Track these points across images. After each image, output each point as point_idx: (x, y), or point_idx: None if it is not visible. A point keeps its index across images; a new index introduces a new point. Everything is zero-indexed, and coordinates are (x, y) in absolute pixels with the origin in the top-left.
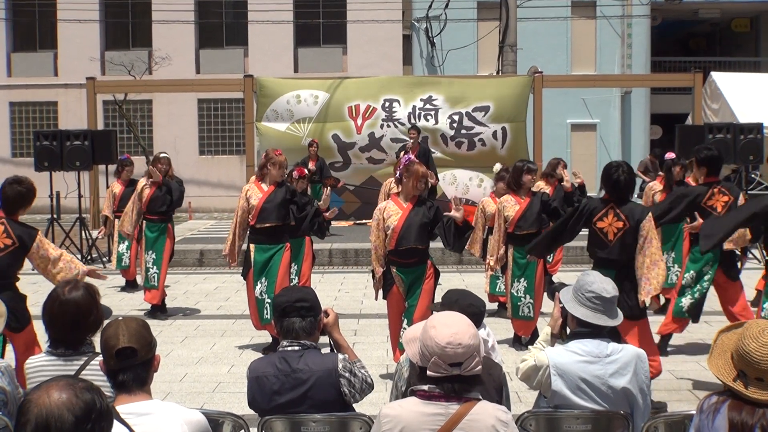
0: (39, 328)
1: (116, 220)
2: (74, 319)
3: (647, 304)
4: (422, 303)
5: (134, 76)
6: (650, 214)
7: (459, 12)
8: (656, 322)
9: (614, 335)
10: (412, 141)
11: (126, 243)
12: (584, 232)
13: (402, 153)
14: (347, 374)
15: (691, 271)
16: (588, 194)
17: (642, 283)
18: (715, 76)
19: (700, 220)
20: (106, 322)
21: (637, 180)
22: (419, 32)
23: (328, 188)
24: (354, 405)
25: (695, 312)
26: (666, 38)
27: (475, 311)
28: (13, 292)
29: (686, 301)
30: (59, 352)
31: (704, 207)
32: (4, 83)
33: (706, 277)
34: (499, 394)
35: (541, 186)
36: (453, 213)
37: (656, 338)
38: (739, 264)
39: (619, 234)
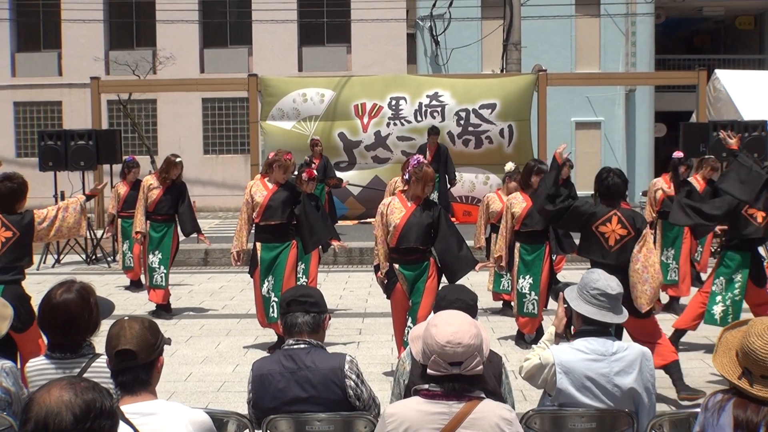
0: None
1: (119, 220)
2: (65, 320)
3: (653, 311)
4: (426, 301)
5: (138, 76)
6: (647, 223)
7: (463, 11)
8: (663, 320)
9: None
10: (430, 142)
11: (128, 243)
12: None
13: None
14: (354, 376)
15: (721, 277)
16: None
17: (648, 292)
18: (720, 73)
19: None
20: (111, 319)
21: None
22: (423, 31)
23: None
24: None
25: (733, 319)
26: (670, 36)
27: (461, 306)
28: (19, 289)
29: (718, 309)
30: (58, 356)
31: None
32: (9, 83)
33: (737, 284)
34: (498, 380)
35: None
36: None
37: (670, 332)
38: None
39: (621, 241)
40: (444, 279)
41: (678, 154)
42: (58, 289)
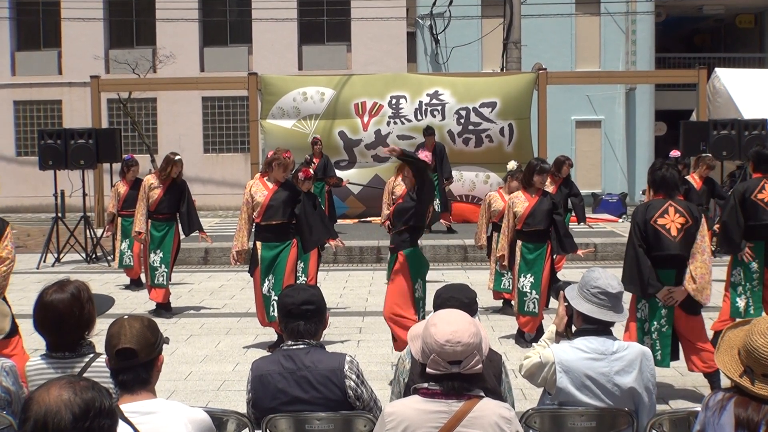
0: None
1: (119, 219)
2: (54, 320)
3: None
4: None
5: (138, 75)
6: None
7: (463, 9)
8: None
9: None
10: (427, 142)
11: (128, 242)
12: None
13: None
14: (354, 377)
15: (738, 268)
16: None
17: (707, 262)
18: (720, 72)
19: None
20: (110, 318)
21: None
22: (423, 29)
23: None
24: None
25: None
26: (670, 34)
27: (455, 304)
28: None
29: (741, 302)
30: (57, 356)
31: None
32: (9, 82)
33: (755, 275)
34: (498, 379)
35: None
36: None
37: (710, 334)
38: None
39: (682, 230)
40: (441, 278)
41: (675, 153)
42: (49, 289)
